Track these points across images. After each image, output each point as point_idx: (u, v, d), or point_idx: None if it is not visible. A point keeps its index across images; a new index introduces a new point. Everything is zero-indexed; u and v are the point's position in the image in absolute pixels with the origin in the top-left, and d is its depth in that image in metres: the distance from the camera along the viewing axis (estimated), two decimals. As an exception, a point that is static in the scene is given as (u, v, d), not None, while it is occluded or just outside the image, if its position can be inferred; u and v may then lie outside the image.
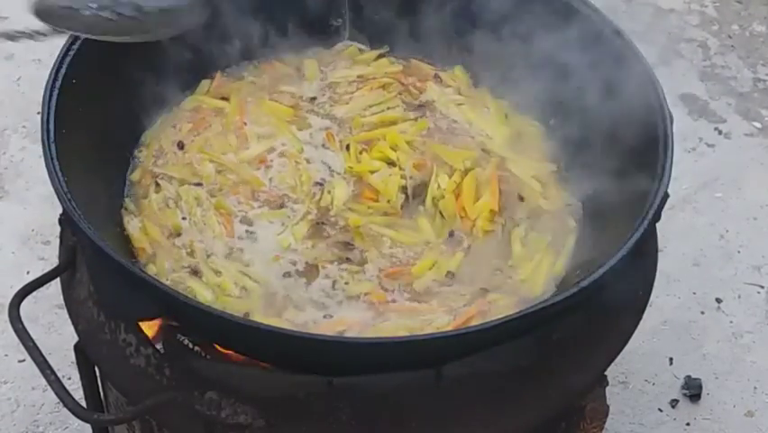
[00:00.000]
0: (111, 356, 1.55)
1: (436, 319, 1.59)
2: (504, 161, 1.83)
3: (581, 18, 1.79)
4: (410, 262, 1.68)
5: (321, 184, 1.78)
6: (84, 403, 1.67)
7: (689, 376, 2.51)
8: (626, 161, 1.67)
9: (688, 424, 2.44)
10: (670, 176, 1.55)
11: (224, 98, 1.91)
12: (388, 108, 1.92)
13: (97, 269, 1.52)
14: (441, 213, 1.74)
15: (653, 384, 2.50)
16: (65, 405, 1.44)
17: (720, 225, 2.88)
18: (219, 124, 1.87)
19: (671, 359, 2.55)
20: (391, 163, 1.81)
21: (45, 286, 1.62)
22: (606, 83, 1.72)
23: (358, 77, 1.97)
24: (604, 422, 1.79)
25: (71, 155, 1.55)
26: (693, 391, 2.48)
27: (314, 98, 1.94)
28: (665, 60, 3.38)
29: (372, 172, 1.79)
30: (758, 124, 3.19)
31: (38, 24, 1.56)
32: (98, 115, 1.70)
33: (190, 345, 1.49)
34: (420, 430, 1.47)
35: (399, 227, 1.73)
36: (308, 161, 1.82)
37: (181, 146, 1.81)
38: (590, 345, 1.57)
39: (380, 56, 2.01)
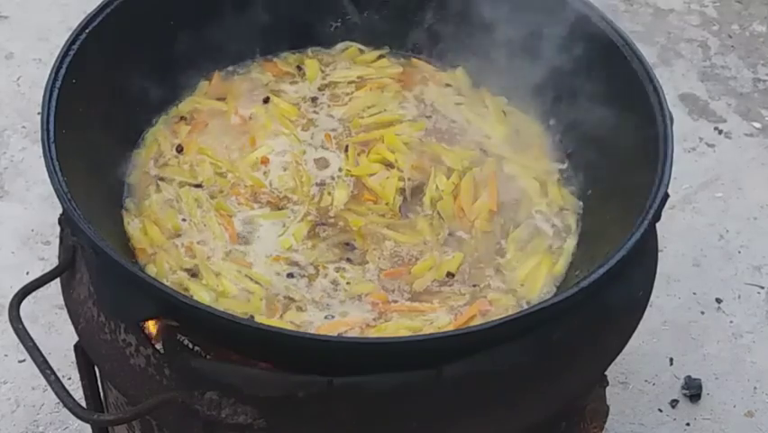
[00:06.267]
0: (111, 356, 1.55)
1: (437, 319, 1.59)
2: (503, 161, 1.83)
3: (581, 18, 1.78)
4: (410, 263, 1.68)
5: (321, 185, 1.78)
6: (84, 403, 1.67)
7: (689, 376, 2.51)
8: (626, 161, 1.67)
9: (688, 424, 2.44)
10: (670, 176, 1.55)
11: (222, 99, 1.91)
12: (386, 110, 1.92)
13: (97, 269, 1.52)
14: (439, 214, 1.75)
15: (653, 384, 2.50)
16: (65, 405, 1.44)
17: (720, 225, 2.88)
18: (218, 124, 1.87)
19: (671, 359, 2.55)
20: (390, 165, 1.81)
21: (45, 286, 1.62)
22: (606, 83, 1.72)
23: (358, 77, 1.97)
24: (604, 422, 1.79)
25: (71, 155, 1.55)
26: (693, 391, 2.48)
27: (314, 98, 1.94)
28: (665, 60, 3.38)
29: (370, 175, 1.79)
30: (758, 124, 3.19)
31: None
32: (98, 115, 1.70)
33: (190, 345, 1.49)
34: (420, 430, 1.47)
35: (399, 228, 1.73)
36: (308, 162, 1.82)
37: (180, 149, 1.81)
38: (590, 345, 1.57)
39: (381, 56, 2.01)
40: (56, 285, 1.67)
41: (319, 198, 1.76)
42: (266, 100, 1.91)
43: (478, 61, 1.94)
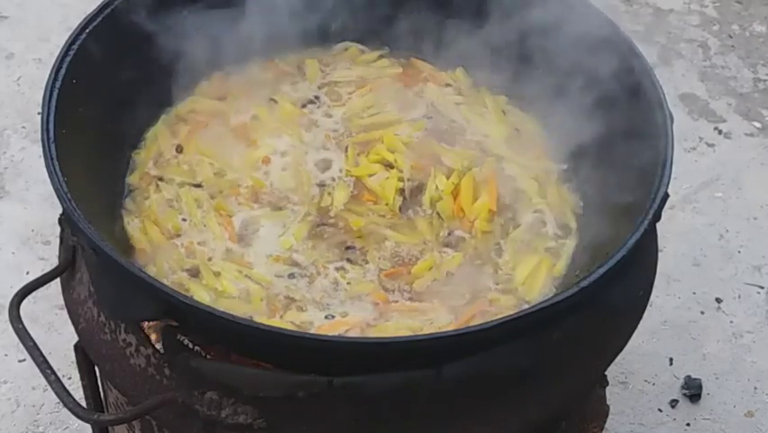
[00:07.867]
0: (111, 356, 1.55)
1: (438, 319, 1.59)
2: (502, 161, 1.83)
3: (581, 19, 1.78)
4: (411, 263, 1.68)
5: (322, 185, 1.78)
6: (84, 403, 1.67)
7: (689, 376, 2.51)
8: (626, 161, 1.67)
9: (688, 424, 2.44)
10: (670, 176, 1.55)
11: (223, 99, 1.91)
12: (386, 110, 1.92)
13: (97, 269, 1.52)
14: (439, 214, 1.75)
15: (653, 384, 2.51)
16: (65, 405, 1.44)
17: (720, 225, 2.88)
18: (218, 124, 1.87)
19: (671, 359, 2.55)
20: (389, 165, 1.81)
21: (45, 286, 1.62)
22: (606, 83, 1.72)
23: (358, 77, 1.97)
24: (604, 422, 1.80)
25: (71, 155, 1.55)
26: (693, 391, 2.48)
27: (315, 98, 1.94)
28: (665, 60, 3.38)
29: (370, 175, 1.79)
30: (758, 124, 3.19)
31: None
32: (98, 115, 1.70)
33: (190, 345, 1.49)
34: (420, 430, 1.47)
35: (399, 228, 1.73)
36: (308, 163, 1.82)
37: (180, 149, 1.81)
38: (590, 345, 1.57)
39: (381, 56, 2.01)
40: (56, 285, 1.67)
41: (319, 199, 1.76)
42: (268, 101, 1.90)
43: (477, 62, 1.94)
